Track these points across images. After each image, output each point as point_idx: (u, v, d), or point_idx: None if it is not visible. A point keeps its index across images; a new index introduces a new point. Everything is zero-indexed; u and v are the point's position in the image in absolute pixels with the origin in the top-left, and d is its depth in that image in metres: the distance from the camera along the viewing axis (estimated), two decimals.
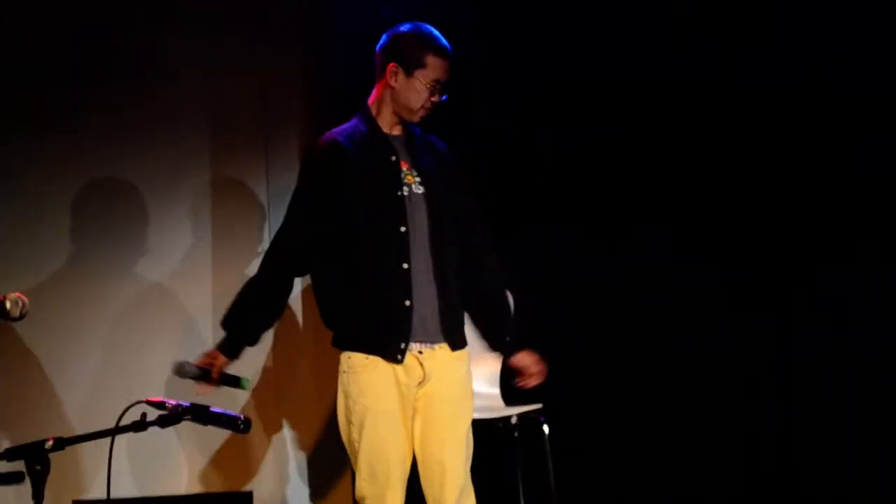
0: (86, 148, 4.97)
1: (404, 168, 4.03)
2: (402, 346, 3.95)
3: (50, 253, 4.90)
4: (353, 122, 4.11)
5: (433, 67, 4.01)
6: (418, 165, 4.05)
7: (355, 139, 4.04)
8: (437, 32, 4.06)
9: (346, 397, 3.99)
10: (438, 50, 4.02)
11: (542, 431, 4.51)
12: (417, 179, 4.05)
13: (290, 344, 5.14)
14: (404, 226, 3.98)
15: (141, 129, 5.03)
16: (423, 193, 4.03)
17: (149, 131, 5.04)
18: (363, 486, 3.96)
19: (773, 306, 5.33)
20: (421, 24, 4.07)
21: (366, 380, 3.96)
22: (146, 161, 5.03)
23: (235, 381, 4.00)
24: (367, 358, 3.96)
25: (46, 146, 4.91)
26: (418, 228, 4.01)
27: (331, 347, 4.05)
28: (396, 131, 4.08)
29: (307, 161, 4.11)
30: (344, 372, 3.99)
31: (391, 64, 4.02)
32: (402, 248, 3.96)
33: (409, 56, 4.02)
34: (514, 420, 4.66)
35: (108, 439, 3.19)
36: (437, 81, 3.99)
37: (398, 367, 3.96)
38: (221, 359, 4.00)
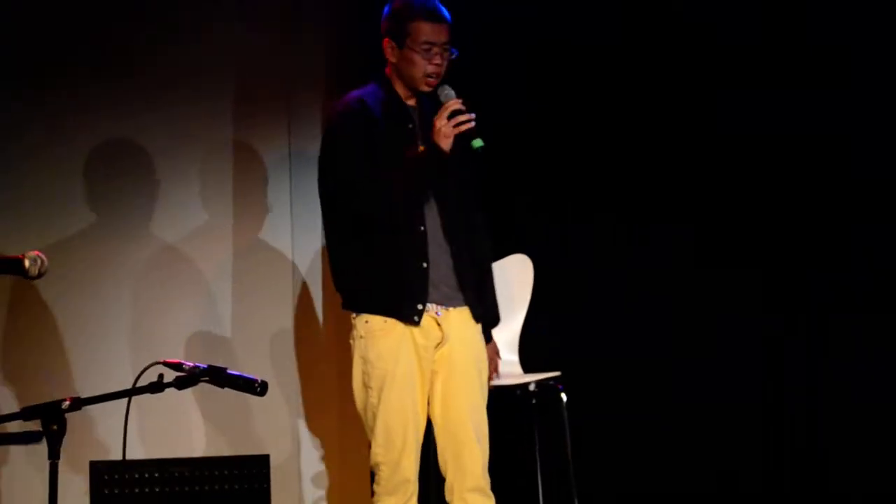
0: (107, 105, 4.96)
1: (418, 139, 4.02)
2: (420, 307, 3.95)
3: (70, 211, 4.91)
4: (371, 87, 4.08)
5: (420, 31, 3.97)
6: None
7: (375, 102, 4.03)
8: None
9: (364, 362, 3.98)
10: (422, 13, 3.99)
11: (560, 399, 4.49)
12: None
13: (308, 308, 5.15)
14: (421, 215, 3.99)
15: (163, 87, 5.02)
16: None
17: (170, 89, 5.03)
18: (378, 452, 3.96)
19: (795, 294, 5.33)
20: None
21: (384, 344, 3.95)
22: (168, 119, 5.03)
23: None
24: (385, 321, 3.96)
25: (67, 103, 4.91)
26: (432, 195, 4.01)
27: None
28: (411, 102, 4.06)
29: (339, 114, 4.04)
30: (361, 337, 3.98)
31: (385, 40, 4.02)
32: (418, 213, 3.97)
33: (396, 29, 4.00)
34: (532, 387, 4.64)
35: (125, 400, 3.18)
36: (429, 44, 3.96)
37: (415, 330, 3.96)
38: None
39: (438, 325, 3.99)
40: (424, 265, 3.96)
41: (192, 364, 3.20)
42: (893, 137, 5.18)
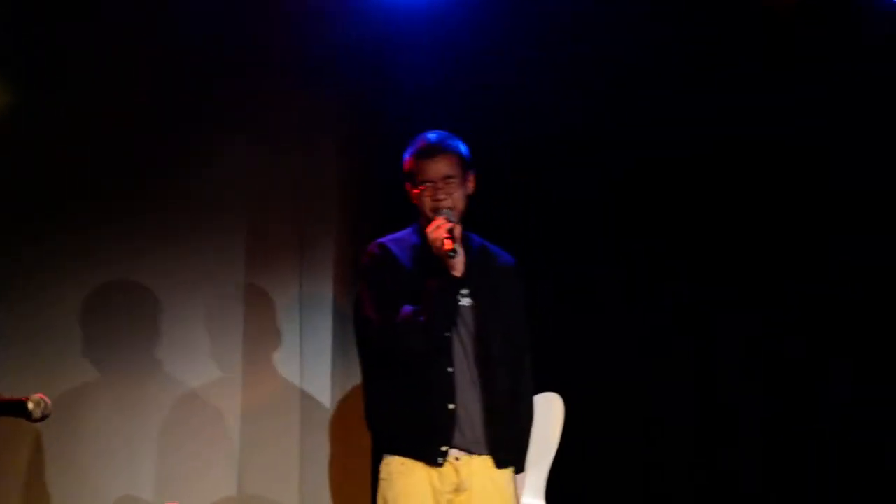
0: (114, 244, 4.95)
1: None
2: (444, 449, 4.00)
3: (74, 353, 4.87)
4: (408, 231, 4.22)
5: (418, 171, 4.13)
6: (468, 279, 4.07)
7: (406, 248, 4.15)
8: (424, 135, 4.17)
9: (385, 502, 4.06)
10: (416, 153, 4.15)
11: None
12: (465, 292, 4.10)
13: (316, 445, 5.14)
14: (448, 334, 4.06)
15: (172, 225, 5.03)
16: (470, 306, 4.11)
17: (180, 227, 5.04)
18: None
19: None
20: (422, 134, 4.19)
21: (401, 485, 4.02)
22: (177, 258, 5.03)
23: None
24: (403, 464, 4.03)
25: (73, 242, 4.89)
26: (464, 339, 4.09)
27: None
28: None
29: (371, 257, 4.18)
30: (383, 479, 4.06)
31: (406, 185, 4.17)
32: (446, 353, 4.04)
33: (406, 173, 4.17)
34: None
35: None
36: (426, 182, 4.10)
37: (433, 474, 4.01)
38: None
39: (456, 471, 4.02)
40: (451, 406, 4.02)
41: None
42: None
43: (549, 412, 4.65)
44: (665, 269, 5.32)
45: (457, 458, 4.02)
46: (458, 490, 4.03)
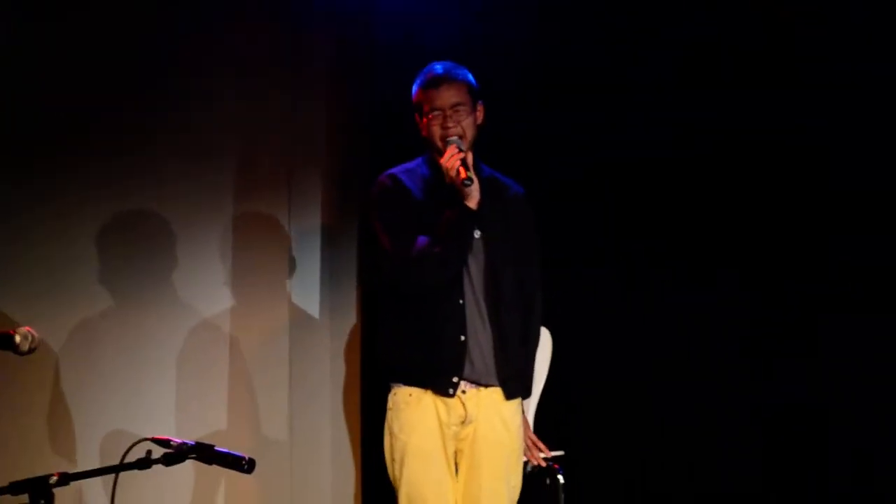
0: (107, 178, 4.97)
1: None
2: (455, 379, 4.05)
3: (63, 286, 4.89)
4: (418, 161, 4.24)
5: (426, 101, 4.15)
6: (481, 211, 4.08)
7: (417, 179, 4.18)
8: (431, 66, 4.18)
9: (390, 434, 4.11)
10: (422, 84, 4.17)
11: (557, 480, 4.43)
12: (476, 230, 4.11)
13: (306, 383, 5.13)
14: (461, 297, 4.09)
15: (161, 163, 5.02)
16: (480, 237, 4.12)
17: (169, 164, 5.04)
18: None
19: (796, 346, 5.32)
20: (429, 65, 4.21)
21: (406, 416, 4.07)
22: (168, 194, 5.03)
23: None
24: (410, 395, 4.08)
25: (66, 180, 4.91)
26: (473, 271, 4.12)
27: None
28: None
29: (380, 190, 4.20)
30: (389, 409, 4.12)
31: (416, 115, 4.19)
32: (457, 286, 4.07)
33: (414, 103, 4.19)
34: (527, 468, 4.58)
35: (113, 476, 3.16)
36: (435, 111, 4.11)
37: (440, 406, 4.06)
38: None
39: (463, 404, 4.07)
40: (462, 338, 4.06)
41: (180, 441, 3.20)
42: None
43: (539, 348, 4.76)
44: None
45: (463, 392, 4.07)
46: (464, 423, 4.08)
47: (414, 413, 4.07)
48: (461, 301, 4.08)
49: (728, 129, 5.25)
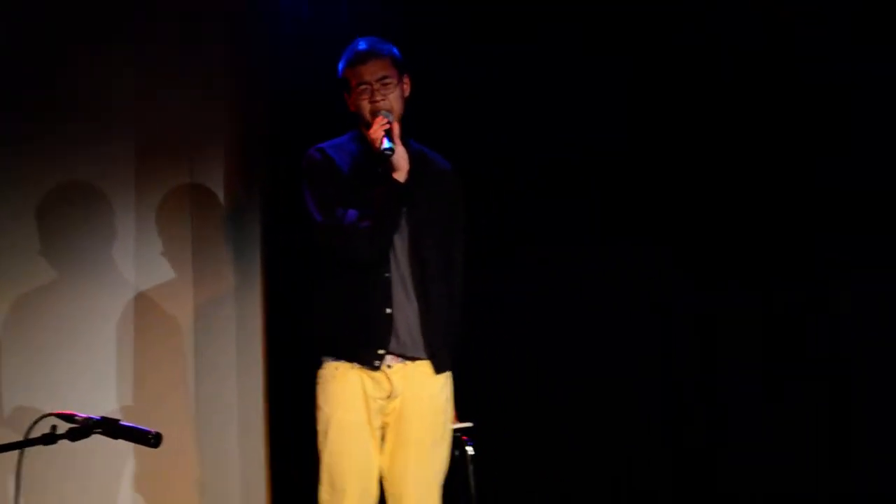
0: (7, 165, 4.94)
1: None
2: (381, 352, 4.08)
3: None
4: (346, 137, 4.26)
5: (351, 76, 4.18)
6: (408, 184, 4.11)
7: (345, 155, 4.19)
8: (356, 42, 4.21)
9: (317, 407, 4.13)
10: (348, 60, 4.19)
11: (466, 452, 4.47)
12: (403, 221, 4.14)
13: (212, 358, 5.10)
14: (387, 270, 4.11)
15: (63, 149, 4.99)
16: (404, 211, 4.12)
17: (70, 150, 5.00)
18: (323, 493, 4.11)
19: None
20: (353, 42, 4.23)
21: (332, 389, 4.10)
22: (68, 169, 4.99)
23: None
24: (336, 368, 4.10)
25: None
26: (398, 245, 4.14)
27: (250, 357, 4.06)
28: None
29: (308, 164, 4.21)
30: (318, 384, 4.14)
31: (344, 93, 4.22)
32: (383, 259, 4.10)
33: (341, 80, 4.22)
34: None
35: (17, 452, 3.13)
36: (363, 84, 4.14)
37: (366, 379, 4.08)
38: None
39: (388, 378, 4.10)
40: (388, 311, 4.08)
41: (84, 415, 3.18)
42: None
43: None
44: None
45: (389, 366, 4.09)
46: (390, 397, 4.10)
47: (339, 386, 4.10)
48: (387, 274, 4.11)
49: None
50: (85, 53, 4.99)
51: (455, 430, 4.37)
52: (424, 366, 4.14)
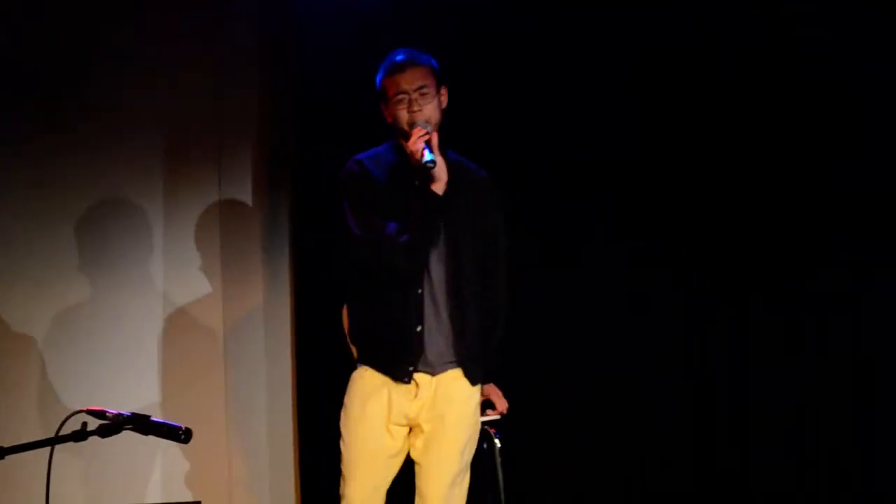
0: (36, 159, 4.97)
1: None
2: (410, 369, 4.10)
3: None
4: (383, 147, 4.25)
5: (390, 86, 4.14)
6: (446, 230, 4.14)
7: (382, 166, 4.18)
8: (393, 53, 4.19)
9: (342, 405, 4.16)
10: (387, 70, 4.16)
11: (494, 444, 4.47)
12: (441, 238, 4.15)
13: (239, 357, 5.12)
14: (420, 286, 4.12)
15: (93, 141, 5.01)
16: (441, 226, 4.13)
17: (102, 143, 5.03)
18: (341, 485, 4.14)
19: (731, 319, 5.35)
20: (391, 53, 4.22)
21: (357, 387, 4.14)
22: (98, 173, 5.02)
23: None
24: (365, 370, 4.13)
25: None
26: (433, 261, 4.13)
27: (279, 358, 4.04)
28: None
29: (347, 175, 4.19)
30: (349, 384, 4.18)
31: (381, 104, 4.20)
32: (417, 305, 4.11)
33: (379, 91, 4.19)
34: None
35: (48, 449, 3.15)
36: (400, 94, 4.11)
37: (392, 383, 4.11)
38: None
39: (417, 384, 4.12)
40: (419, 329, 4.09)
41: (115, 412, 3.19)
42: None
43: None
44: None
45: (418, 383, 4.11)
46: (417, 397, 4.11)
47: (364, 384, 4.13)
48: (419, 290, 4.11)
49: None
50: (110, 51, 5.01)
51: (483, 423, 4.38)
52: (455, 373, 4.15)
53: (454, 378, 4.13)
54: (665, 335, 5.32)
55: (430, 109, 4.12)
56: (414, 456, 4.15)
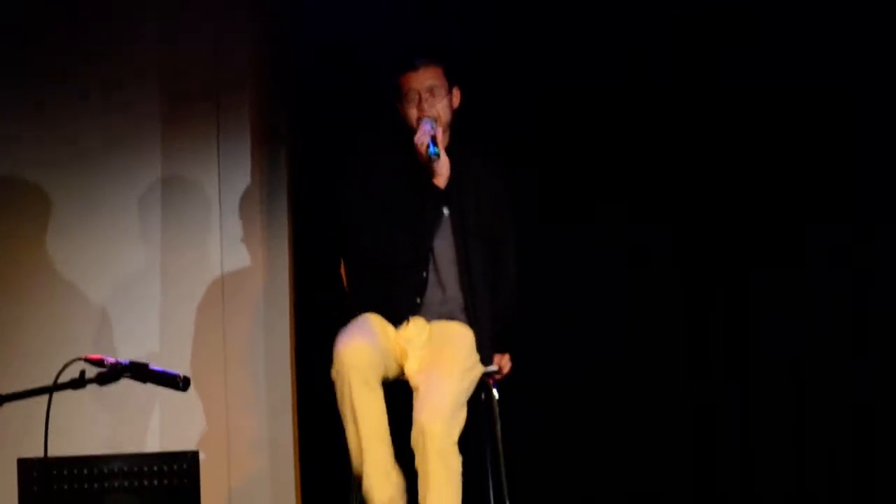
0: (32, 105, 4.98)
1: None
2: (409, 317, 4.30)
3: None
4: (388, 139, 4.44)
5: (403, 83, 4.36)
6: (449, 189, 4.31)
7: (387, 157, 4.41)
8: (408, 53, 4.40)
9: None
10: (399, 70, 4.38)
11: (493, 396, 4.49)
12: (444, 208, 4.35)
13: (238, 305, 5.12)
14: (429, 247, 4.33)
15: (88, 93, 5.02)
16: (447, 216, 4.34)
17: (96, 95, 5.03)
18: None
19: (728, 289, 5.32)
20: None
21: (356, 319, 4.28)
22: (95, 118, 5.02)
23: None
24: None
25: None
26: (442, 245, 4.34)
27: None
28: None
29: (351, 163, 4.44)
30: None
31: (396, 103, 4.39)
32: (422, 262, 4.31)
33: (395, 89, 4.40)
34: None
35: (46, 396, 3.15)
36: (412, 91, 4.32)
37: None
38: None
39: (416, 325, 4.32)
40: (418, 301, 4.30)
41: (113, 360, 3.20)
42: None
43: None
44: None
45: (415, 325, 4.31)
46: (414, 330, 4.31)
47: (363, 316, 4.29)
48: (424, 274, 4.31)
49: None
50: (109, 12, 5.03)
51: (483, 375, 4.43)
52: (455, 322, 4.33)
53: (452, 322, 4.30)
54: (665, 294, 5.32)
55: (439, 108, 4.33)
56: (410, 375, 4.24)
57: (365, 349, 4.11)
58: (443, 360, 4.19)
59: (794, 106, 5.22)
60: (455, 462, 4.08)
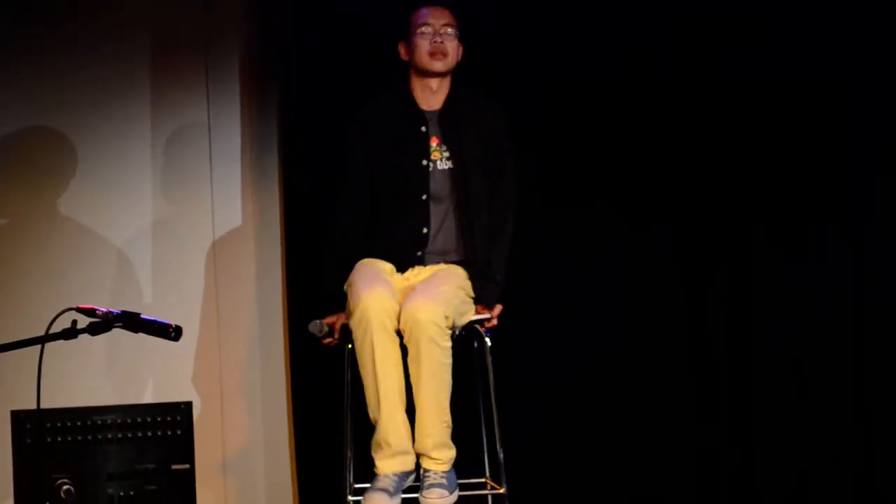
0: (22, 57, 4.96)
1: (433, 144, 4.41)
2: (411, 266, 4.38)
3: None
4: (395, 90, 4.47)
5: (416, 18, 4.40)
6: (450, 140, 4.39)
7: (387, 109, 4.45)
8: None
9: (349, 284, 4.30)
10: (416, 8, 4.42)
11: (485, 342, 4.50)
12: (446, 154, 4.41)
13: (229, 257, 5.13)
14: (426, 194, 4.38)
15: (80, 45, 5.01)
16: (448, 168, 4.39)
17: (89, 47, 5.02)
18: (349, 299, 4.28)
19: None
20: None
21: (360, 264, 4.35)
22: (85, 71, 5.01)
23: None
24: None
25: None
26: (441, 174, 4.39)
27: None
28: (435, 105, 4.44)
29: (352, 128, 4.48)
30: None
31: (399, 45, 4.43)
32: (423, 215, 4.38)
33: (405, 31, 4.44)
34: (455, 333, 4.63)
35: (38, 347, 3.15)
36: (426, 25, 4.36)
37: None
38: (342, 317, 4.28)
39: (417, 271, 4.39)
40: (425, 231, 4.37)
41: (105, 309, 3.19)
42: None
43: None
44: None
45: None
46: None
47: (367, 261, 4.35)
48: (425, 230, 4.38)
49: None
50: None
51: (473, 322, 4.46)
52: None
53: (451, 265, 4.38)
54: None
55: (451, 49, 4.38)
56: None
57: (385, 296, 4.16)
58: (437, 277, 4.29)
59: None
60: (445, 356, 4.19)
